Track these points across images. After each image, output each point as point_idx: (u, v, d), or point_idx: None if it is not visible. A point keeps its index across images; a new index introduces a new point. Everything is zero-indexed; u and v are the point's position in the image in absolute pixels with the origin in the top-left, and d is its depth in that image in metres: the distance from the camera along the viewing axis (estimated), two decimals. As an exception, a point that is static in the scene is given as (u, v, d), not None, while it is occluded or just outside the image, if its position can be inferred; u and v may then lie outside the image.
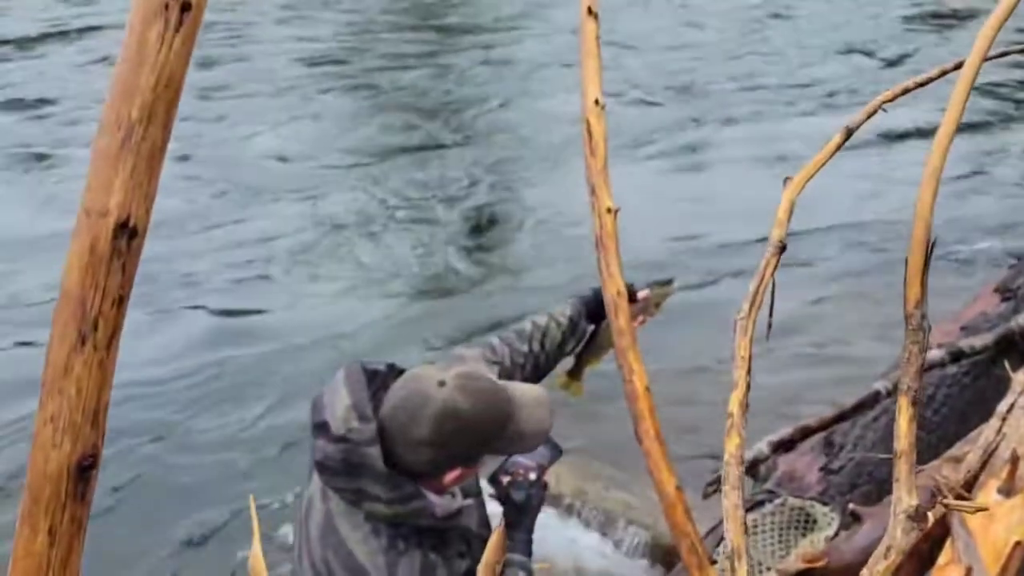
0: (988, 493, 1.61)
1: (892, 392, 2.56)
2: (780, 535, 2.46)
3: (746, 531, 0.77)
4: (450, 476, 1.80)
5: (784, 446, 2.50)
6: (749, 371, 0.78)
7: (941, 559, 1.55)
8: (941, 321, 3.29)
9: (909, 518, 0.75)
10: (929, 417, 2.75)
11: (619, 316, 1.41)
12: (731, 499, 0.78)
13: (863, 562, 1.75)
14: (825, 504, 2.48)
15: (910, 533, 0.76)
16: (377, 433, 1.74)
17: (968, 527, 1.55)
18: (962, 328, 3.01)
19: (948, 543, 1.57)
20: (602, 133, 1.48)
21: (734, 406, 0.79)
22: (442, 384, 1.75)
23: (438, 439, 1.74)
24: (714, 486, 2.30)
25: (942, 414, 2.73)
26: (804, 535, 2.43)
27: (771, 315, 0.78)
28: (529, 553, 2.05)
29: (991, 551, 1.54)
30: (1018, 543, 1.53)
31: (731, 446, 0.79)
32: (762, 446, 2.42)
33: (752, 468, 2.54)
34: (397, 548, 1.79)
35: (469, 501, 1.84)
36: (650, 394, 1.39)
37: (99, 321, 0.62)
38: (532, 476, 2.04)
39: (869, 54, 9.04)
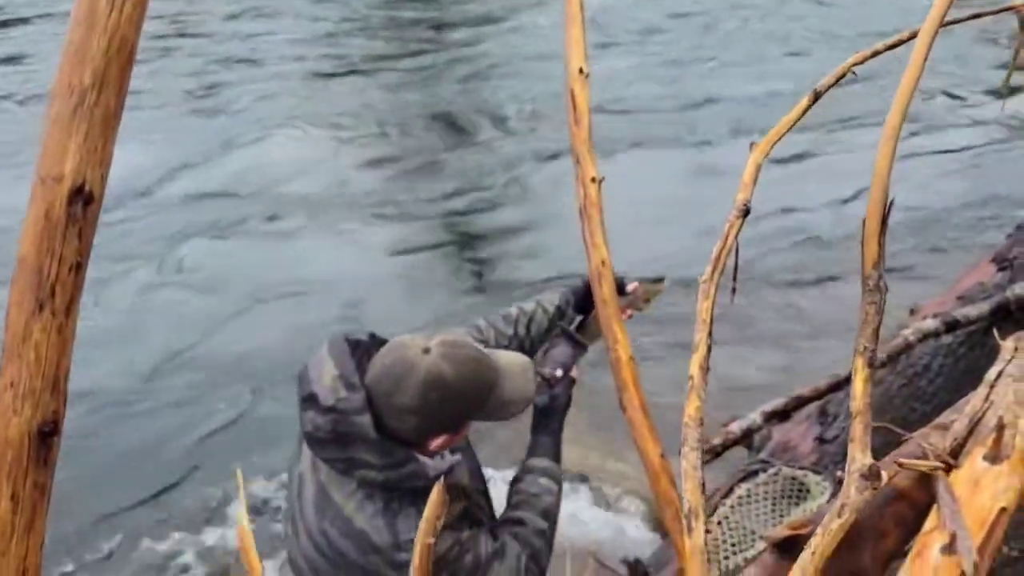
0: (974, 460, 1.61)
1: (886, 363, 2.56)
2: (773, 504, 2.48)
3: (704, 491, 0.78)
4: (435, 443, 1.82)
5: (778, 416, 2.50)
6: (710, 334, 0.78)
7: (926, 526, 1.56)
8: (938, 292, 3.29)
9: (863, 477, 0.76)
10: (924, 387, 2.75)
11: (603, 285, 1.41)
12: (689, 460, 0.79)
13: (848, 529, 1.76)
14: (818, 473, 2.49)
15: (864, 492, 0.76)
16: (366, 401, 1.75)
17: (953, 494, 1.55)
18: (958, 298, 3.01)
19: (934, 510, 1.57)
20: (586, 102, 1.47)
21: (694, 369, 0.79)
22: (427, 351, 1.76)
23: (423, 406, 1.75)
24: (707, 455, 2.31)
25: (937, 384, 2.73)
26: (797, 504, 2.45)
27: (735, 279, 0.78)
28: (557, 457, 2.03)
29: (976, 517, 1.54)
30: (1003, 509, 1.53)
31: (691, 408, 0.80)
32: (755, 416, 2.43)
33: (746, 438, 2.55)
34: (393, 508, 1.80)
35: (457, 457, 1.86)
36: (634, 363, 1.39)
37: (56, 288, 0.62)
38: (558, 373, 2.01)
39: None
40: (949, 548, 1.47)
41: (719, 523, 2.44)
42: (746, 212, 0.78)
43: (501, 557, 1.87)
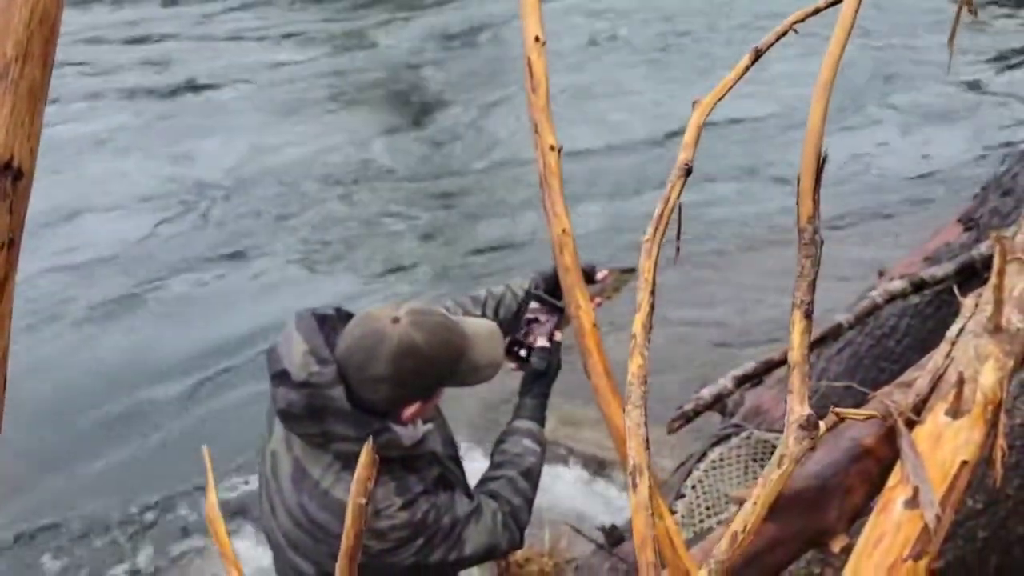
0: (936, 416, 1.64)
1: (854, 324, 2.58)
2: (746, 468, 2.51)
3: (647, 447, 0.79)
4: (409, 411, 1.83)
5: (749, 380, 2.51)
6: (653, 293, 0.79)
7: (890, 481, 1.59)
8: (906, 253, 3.32)
9: (801, 427, 0.77)
10: (892, 347, 2.78)
11: (564, 254, 1.41)
12: (633, 418, 0.79)
13: (814, 487, 1.78)
14: (789, 436, 2.52)
15: (802, 442, 0.77)
16: (338, 374, 1.75)
17: (916, 449, 1.58)
18: (925, 259, 3.04)
19: (898, 466, 1.60)
20: (543, 70, 1.47)
21: (637, 327, 0.79)
22: (396, 321, 1.77)
23: (396, 375, 1.76)
24: (679, 421, 2.33)
25: (904, 343, 2.76)
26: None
27: (679, 238, 0.79)
28: (542, 420, 2.06)
29: (939, 471, 1.57)
30: (965, 463, 1.56)
31: (634, 366, 0.80)
32: (727, 381, 2.44)
33: (718, 403, 2.56)
34: None
35: (430, 426, 1.87)
36: (597, 330, 1.40)
37: (-11, 265, 0.62)
38: (545, 343, 2.04)
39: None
40: (912, 502, 1.50)
41: (693, 487, 2.47)
42: (688, 172, 0.78)
43: (477, 516, 1.90)
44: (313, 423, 1.78)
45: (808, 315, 0.73)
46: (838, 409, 0.75)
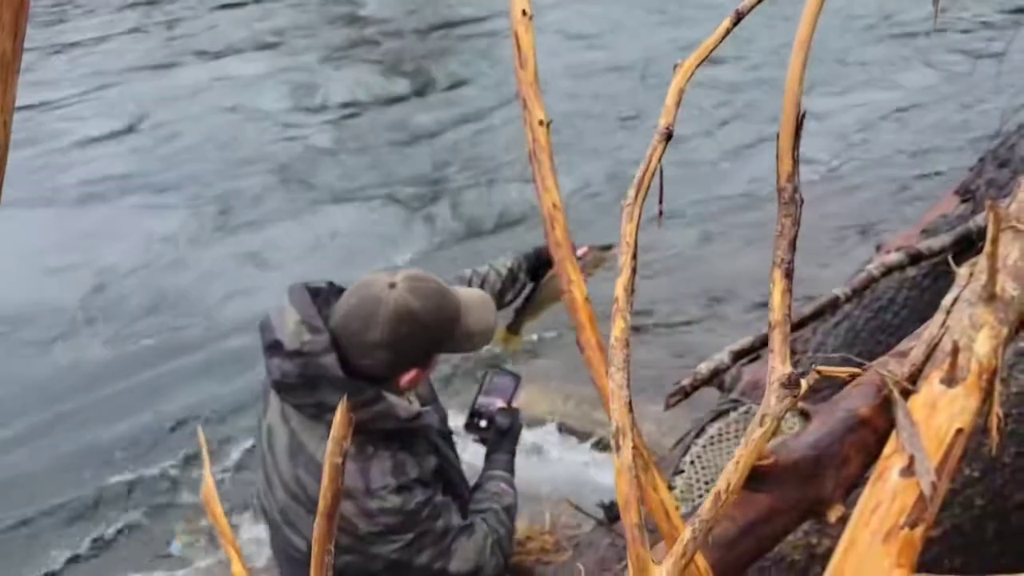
0: (932, 384, 1.64)
1: (851, 297, 2.58)
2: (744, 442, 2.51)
3: (631, 409, 0.79)
4: (406, 377, 1.85)
5: (746, 354, 2.52)
6: (635, 256, 0.79)
7: (886, 450, 1.59)
8: (903, 227, 3.31)
9: (783, 386, 0.77)
10: (889, 320, 2.78)
11: (555, 228, 1.41)
12: (616, 380, 0.80)
13: (810, 458, 1.78)
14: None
15: (784, 400, 0.78)
16: (331, 342, 1.77)
17: (912, 417, 1.58)
18: (923, 231, 3.03)
19: (893, 435, 1.60)
20: (531, 45, 1.46)
21: (619, 291, 0.79)
22: (392, 286, 1.79)
23: (393, 340, 1.78)
24: (676, 396, 2.33)
25: (902, 316, 2.76)
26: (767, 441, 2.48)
27: (661, 202, 0.79)
28: (512, 472, 2.15)
29: (934, 440, 1.57)
30: (960, 431, 1.57)
31: (616, 330, 0.81)
32: (723, 356, 2.45)
33: (715, 377, 2.57)
34: (366, 452, 1.83)
35: (427, 407, 1.90)
36: (590, 303, 1.39)
37: (-34, 238, 0.62)
38: (501, 405, 2.15)
39: None
40: (908, 471, 1.50)
41: (692, 462, 2.47)
42: (669, 136, 0.78)
43: (470, 533, 1.93)
44: (307, 393, 1.80)
45: (788, 274, 0.73)
46: (821, 367, 0.75)
